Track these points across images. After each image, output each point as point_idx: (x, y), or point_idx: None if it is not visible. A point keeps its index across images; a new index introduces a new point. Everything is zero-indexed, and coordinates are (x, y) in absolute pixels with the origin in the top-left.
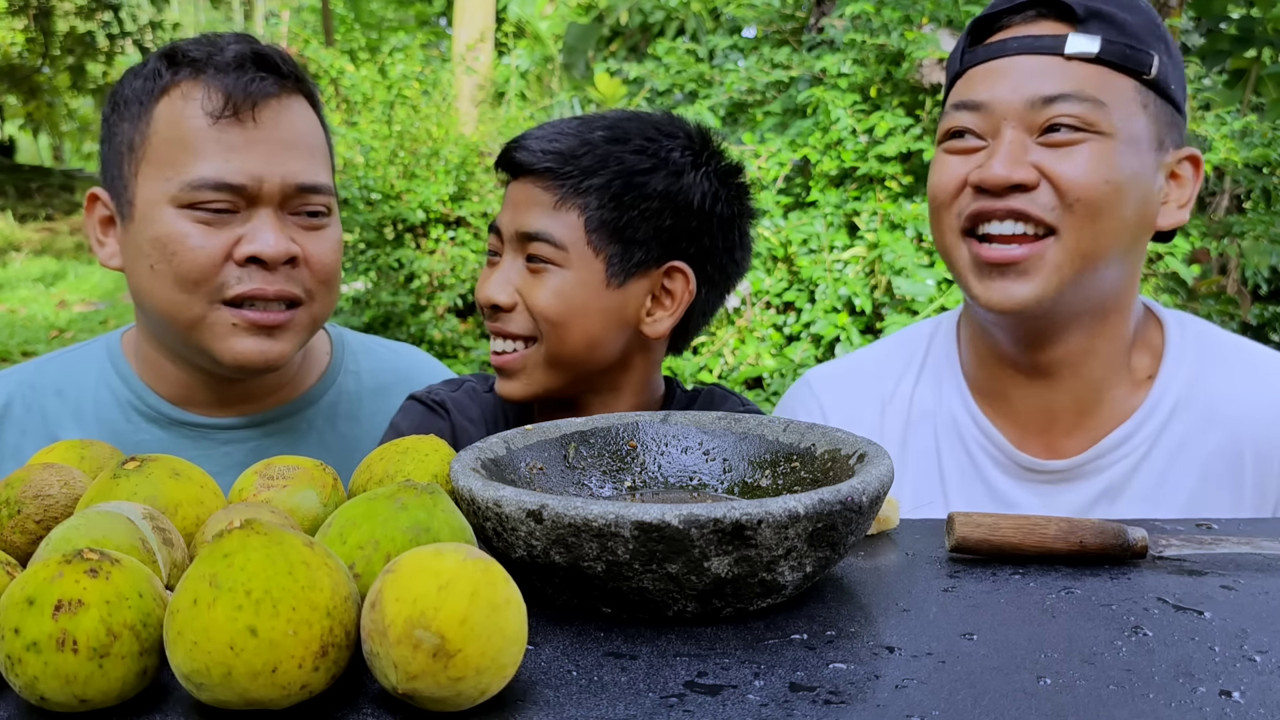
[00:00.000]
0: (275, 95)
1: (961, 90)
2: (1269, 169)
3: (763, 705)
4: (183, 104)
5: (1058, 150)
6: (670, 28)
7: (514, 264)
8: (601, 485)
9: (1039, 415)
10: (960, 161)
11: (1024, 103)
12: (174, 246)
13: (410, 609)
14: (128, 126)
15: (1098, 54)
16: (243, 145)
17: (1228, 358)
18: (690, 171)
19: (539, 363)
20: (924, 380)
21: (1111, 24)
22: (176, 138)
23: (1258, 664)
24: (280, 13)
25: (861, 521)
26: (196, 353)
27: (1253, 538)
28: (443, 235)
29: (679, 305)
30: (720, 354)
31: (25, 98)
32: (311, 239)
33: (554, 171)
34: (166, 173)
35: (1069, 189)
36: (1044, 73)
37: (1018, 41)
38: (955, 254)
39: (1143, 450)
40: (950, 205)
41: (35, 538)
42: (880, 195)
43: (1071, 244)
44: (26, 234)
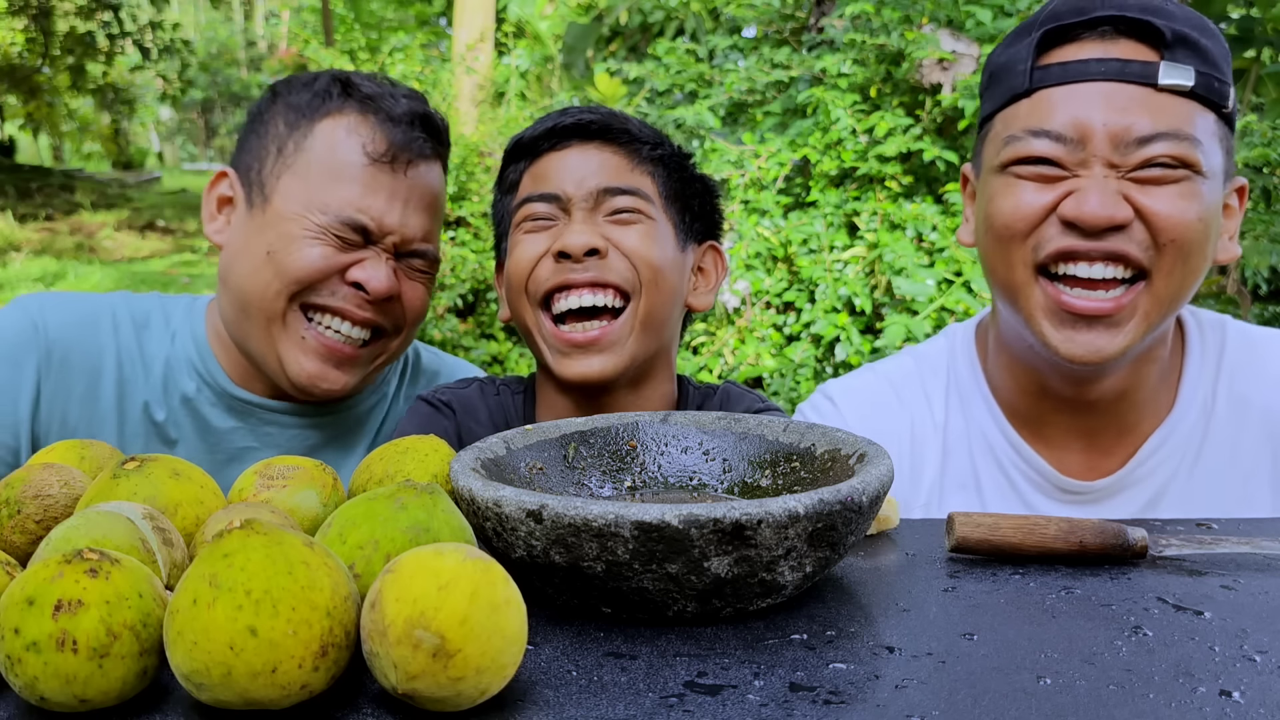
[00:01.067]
0: (426, 157)
1: (1036, 115)
2: (1269, 169)
3: (763, 705)
4: (345, 135)
5: (1151, 189)
6: (670, 28)
7: (590, 219)
8: (601, 485)
9: (1079, 438)
10: (1040, 190)
11: (1115, 140)
12: (299, 248)
13: (410, 609)
14: (284, 129)
15: (1191, 88)
16: (386, 193)
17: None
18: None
19: (633, 326)
20: (951, 402)
21: (1196, 52)
22: (330, 164)
23: (1258, 664)
24: (280, 13)
25: (861, 521)
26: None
27: (1253, 538)
28: (442, 235)
29: (715, 282)
30: (720, 354)
31: (25, 98)
32: (411, 284)
33: (630, 135)
34: (311, 192)
35: (1164, 229)
36: (1135, 105)
37: (1103, 65)
38: (1026, 293)
39: (1179, 455)
40: (1026, 238)
41: (35, 538)
42: (880, 195)
43: (1161, 288)
44: (26, 234)
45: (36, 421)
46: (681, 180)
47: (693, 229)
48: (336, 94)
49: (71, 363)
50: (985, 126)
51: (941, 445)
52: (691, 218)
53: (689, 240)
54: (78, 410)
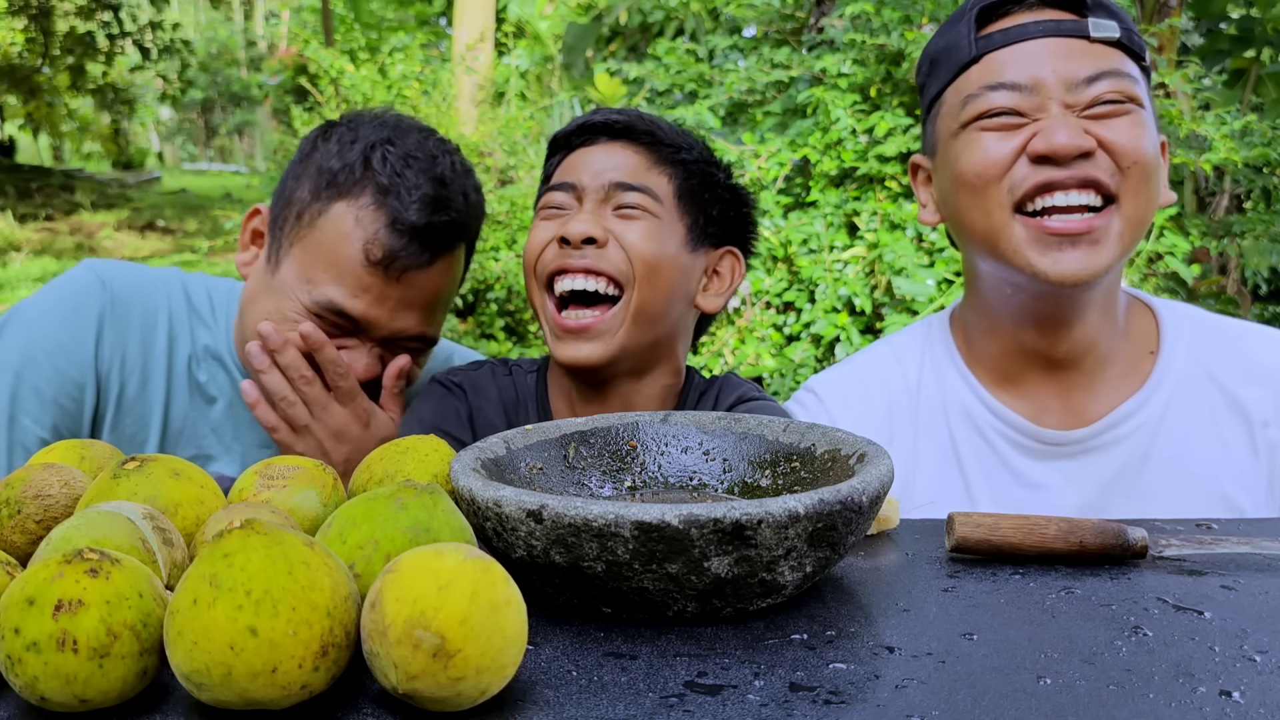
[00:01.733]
0: (427, 266)
1: (989, 73)
2: (1269, 168)
3: (763, 705)
4: (352, 226)
5: (1105, 121)
6: (670, 28)
7: (598, 211)
8: (601, 485)
9: (1056, 395)
10: (1004, 137)
11: (1065, 83)
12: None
13: (410, 609)
14: (307, 195)
15: (1117, 38)
16: (377, 293)
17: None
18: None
19: (624, 319)
20: (925, 375)
21: (1112, 14)
22: (332, 252)
23: (1258, 664)
24: (280, 13)
25: (861, 521)
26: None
27: (1253, 538)
28: None
29: (730, 286)
30: (720, 354)
31: (25, 98)
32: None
33: (653, 136)
34: (309, 274)
35: (1124, 154)
36: (1075, 54)
37: (1041, 26)
38: (1006, 232)
39: (1157, 419)
40: (999, 181)
41: (35, 538)
42: (880, 195)
43: (1129, 210)
44: (26, 234)
45: (99, 360)
46: (703, 184)
47: (708, 232)
48: (359, 173)
49: (131, 313)
50: (933, 108)
51: (914, 414)
52: (708, 221)
53: (703, 243)
54: (135, 353)
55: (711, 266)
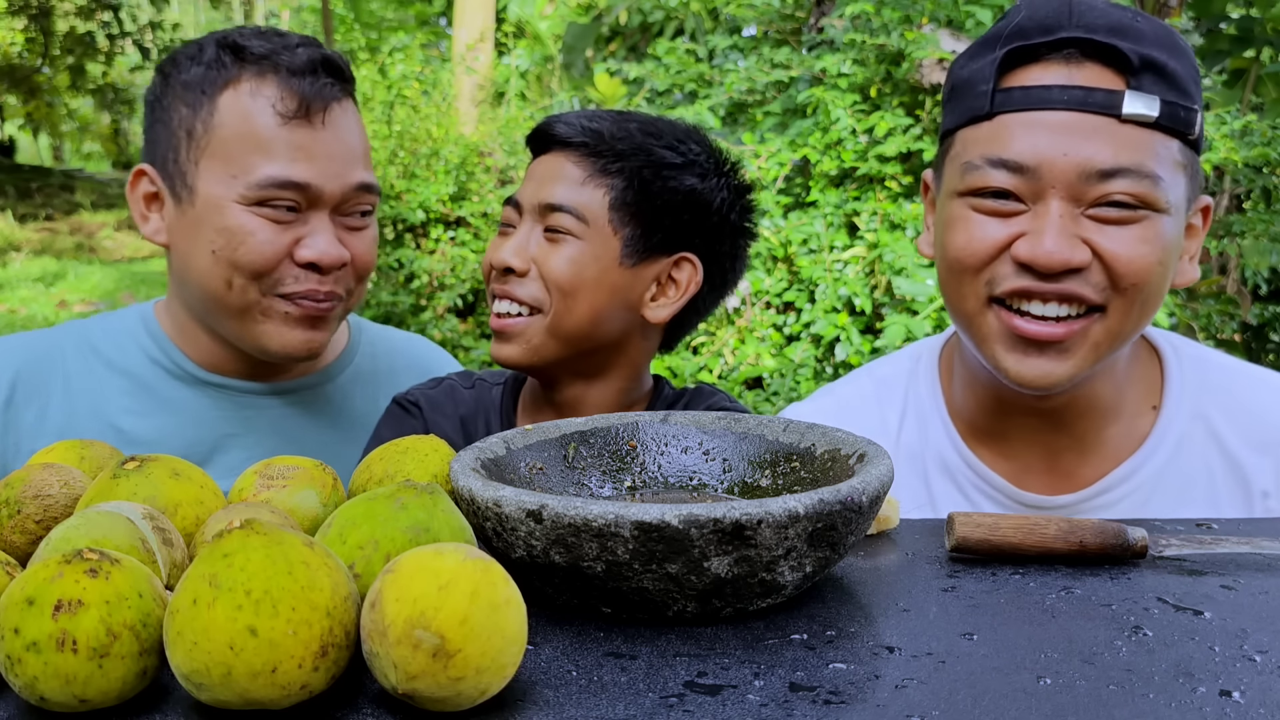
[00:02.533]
0: (339, 100)
1: (996, 142)
2: (1269, 168)
3: (763, 705)
4: (250, 100)
5: (1109, 228)
6: (670, 28)
7: (531, 233)
8: (601, 485)
9: (1040, 454)
10: (996, 225)
11: (1076, 172)
12: (243, 238)
13: (410, 609)
14: (187, 112)
15: (1155, 119)
16: (311, 146)
17: (1228, 383)
18: (712, 176)
19: (540, 330)
20: (908, 421)
21: (1163, 77)
22: (246, 134)
23: (1258, 664)
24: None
25: (861, 521)
26: (238, 336)
27: (1253, 538)
28: (443, 235)
29: (684, 294)
30: (720, 354)
31: (25, 98)
32: (357, 239)
33: (590, 147)
34: (234, 169)
35: (1123, 273)
36: (1097, 136)
37: (1065, 94)
38: (978, 320)
39: (1151, 483)
40: (979, 272)
41: (35, 538)
42: (880, 195)
43: (1115, 324)
44: (26, 234)
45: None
46: (644, 195)
47: (652, 242)
48: (230, 61)
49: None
50: (946, 140)
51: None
52: (653, 230)
53: (648, 253)
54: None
55: (662, 275)
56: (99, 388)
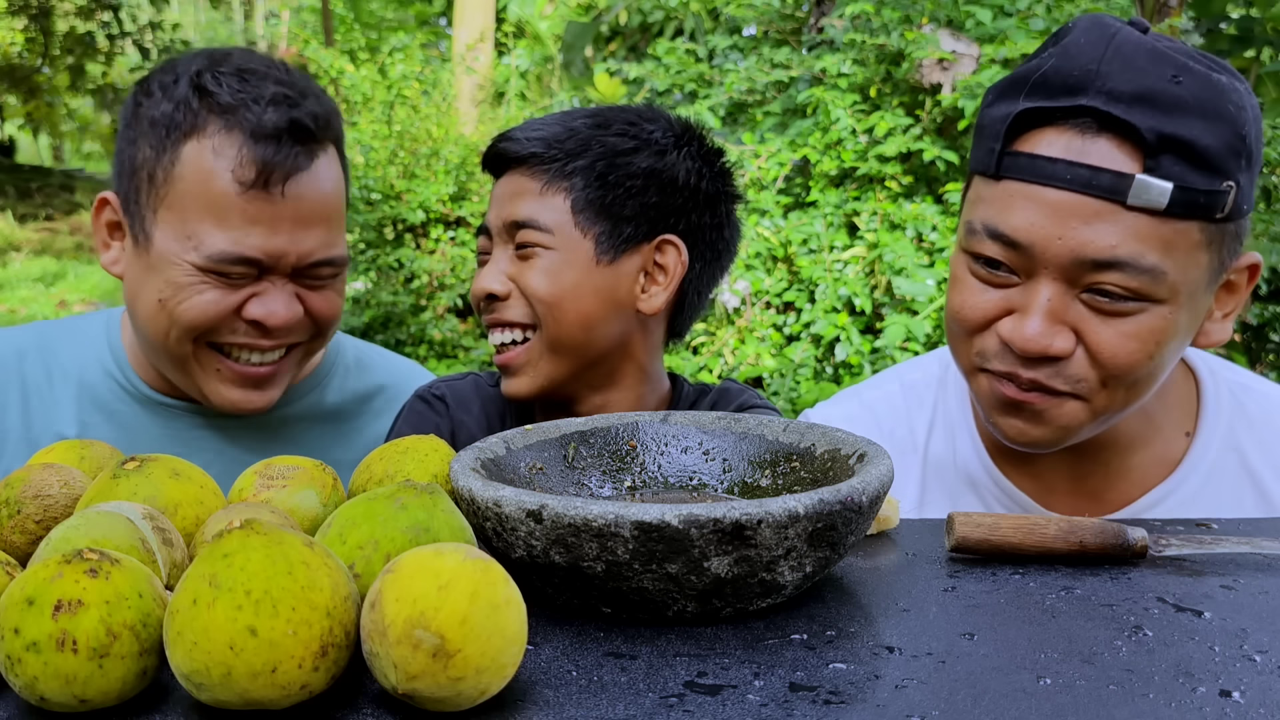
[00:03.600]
0: (306, 168)
1: (996, 209)
2: (1269, 168)
3: (763, 705)
4: (212, 159)
5: (1100, 317)
6: (669, 28)
7: (504, 255)
8: (601, 485)
9: (1067, 480)
10: (989, 295)
11: (1070, 257)
12: (189, 295)
13: (410, 609)
14: (150, 152)
15: (1164, 208)
16: (268, 220)
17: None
18: (673, 150)
19: (541, 352)
20: (936, 430)
21: (1186, 156)
22: (202, 196)
23: (1258, 664)
24: (280, 13)
25: (861, 521)
26: (180, 383)
27: (1253, 538)
28: (443, 235)
29: (673, 278)
30: (720, 354)
31: (25, 98)
32: (317, 296)
33: (539, 157)
34: (188, 231)
35: (1108, 365)
36: (1098, 221)
37: (1070, 171)
38: (972, 380)
39: (1181, 510)
40: (970, 338)
41: (35, 538)
42: (880, 195)
43: (1098, 407)
44: (26, 234)
45: None
46: (604, 189)
47: (625, 234)
48: (197, 104)
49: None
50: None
51: (921, 476)
52: (623, 222)
53: (625, 246)
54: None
55: (647, 264)
56: (52, 393)
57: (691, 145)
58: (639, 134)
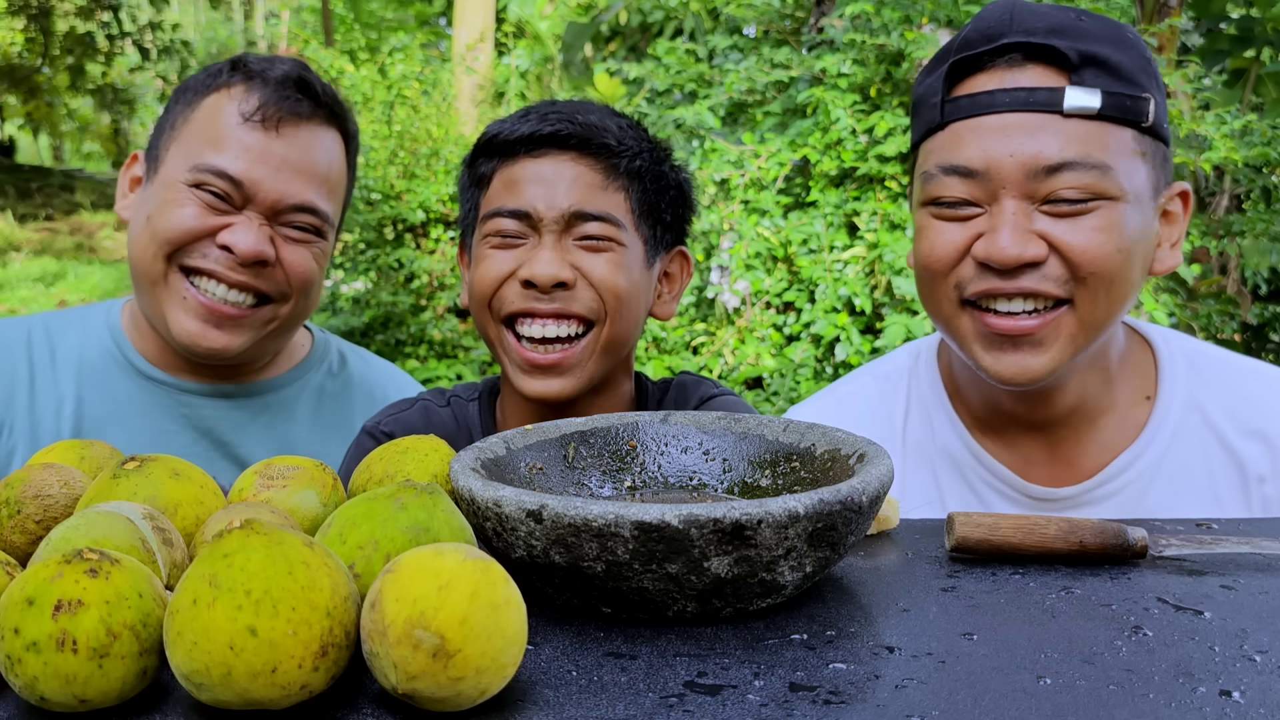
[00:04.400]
0: (305, 117)
1: (948, 150)
2: (1268, 168)
3: (763, 705)
4: (226, 101)
5: (1064, 220)
6: (669, 27)
7: (559, 243)
8: (601, 485)
9: (1043, 449)
10: (956, 229)
11: (1024, 170)
12: (171, 209)
13: (410, 609)
14: (180, 109)
15: (1098, 110)
16: (257, 149)
17: (1220, 373)
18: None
19: (594, 351)
20: (913, 414)
21: (1105, 69)
22: (209, 128)
23: (1258, 664)
24: (280, 13)
25: (861, 521)
26: (153, 314)
27: (1253, 538)
28: (443, 235)
29: (679, 287)
30: (720, 354)
31: (25, 98)
32: (294, 250)
33: (609, 149)
34: (189, 156)
35: (1081, 263)
36: (1042, 133)
37: (1009, 95)
38: (955, 324)
39: (1150, 472)
40: (947, 276)
41: (35, 538)
42: (880, 195)
43: (1086, 315)
44: (26, 234)
45: None
46: (656, 191)
47: (663, 240)
48: (227, 71)
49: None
50: (912, 155)
51: (901, 460)
52: (663, 230)
53: (659, 253)
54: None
55: (663, 270)
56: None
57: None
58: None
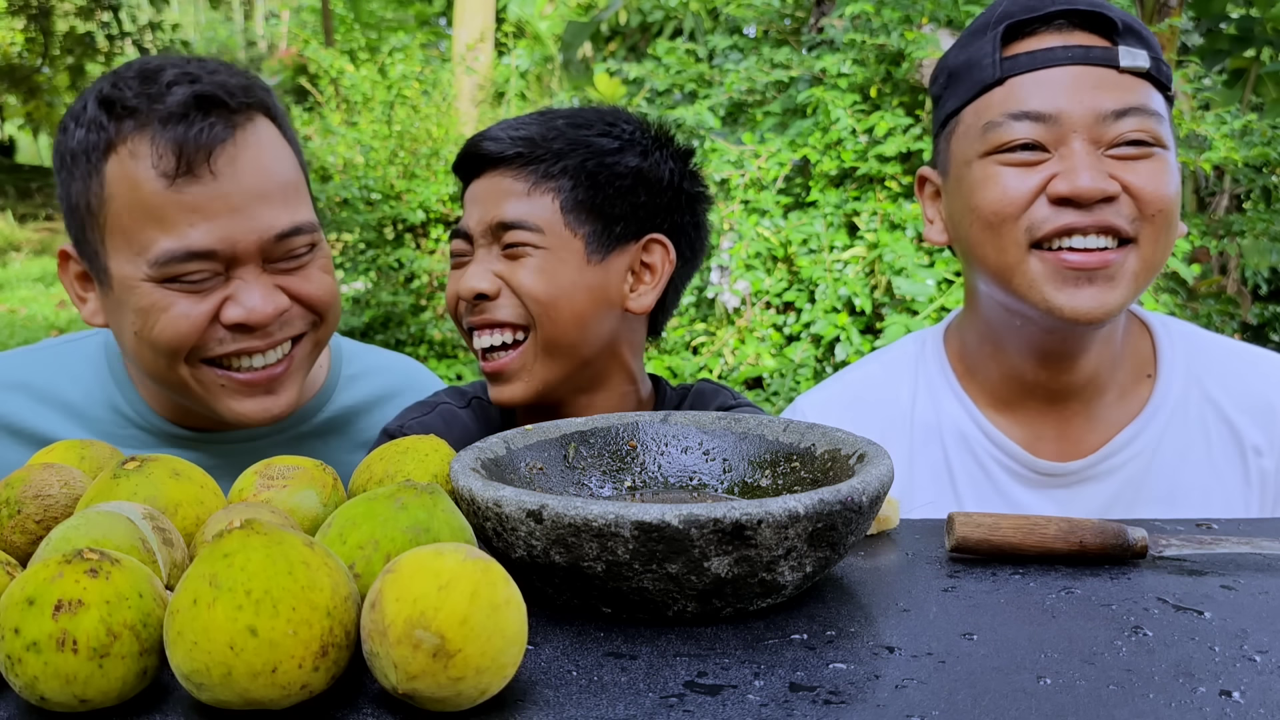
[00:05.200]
0: (229, 138)
1: (1012, 100)
2: (1268, 168)
3: (763, 705)
4: (133, 164)
5: (1129, 163)
6: (669, 27)
7: (489, 255)
8: (601, 485)
9: (1053, 424)
10: (1024, 175)
11: (1092, 115)
12: (156, 316)
13: (410, 609)
14: (80, 185)
15: (1146, 69)
16: (206, 204)
17: (1217, 353)
18: (654, 151)
19: (535, 355)
20: (920, 395)
21: (1140, 40)
22: (135, 205)
23: (1258, 664)
24: (280, 13)
25: (861, 521)
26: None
27: (1253, 538)
28: (443, 235)
29: (660, 277)
30: (720, 354)
31: (25, 98)
32: (300, 279)
33: (525, 157)
34: (135, 246)
35: (1149, 201)
36: (1103, 85)
37: (1068, 52)
38: (1020, 269)
39: (1153, 447)
40: (1017, 219)
41: (35, 538)
42: (880, 195)
43: (1148, 254)
44: (26, 234)
45: None
46: (594, 188)
47: (615, 233)
48: (107, 120)
49: None
50: (950, 123)
51: (909, 438)
52: (612, 221)
53: (613, 245)
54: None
55: (634, 263)
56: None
57: (667, 146)
58: (620, 134)
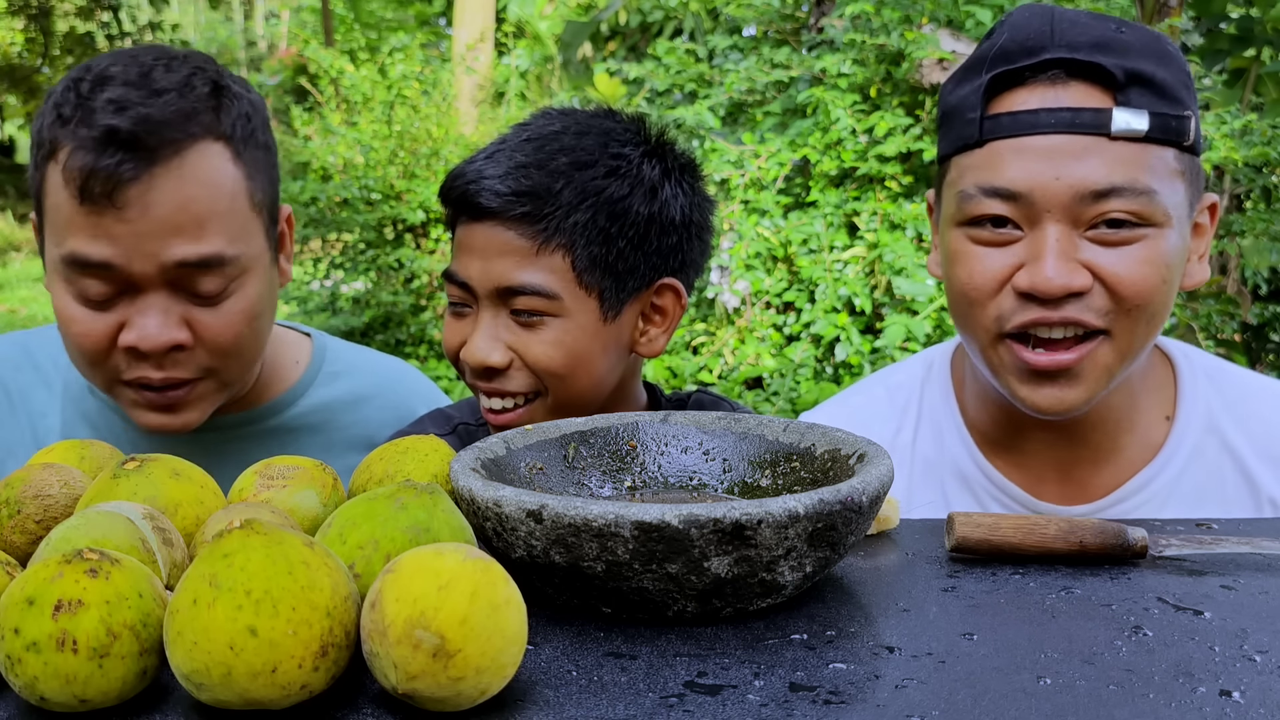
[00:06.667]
0: (139, 177)
1: (987, 170)
2: (1268, 168)
3: (763, 705)
4: (58, 174)
5: (1110, 249)
6: (669, 27)
7: (497, 320)
8: (601, 485)
9: (1055, 465)
10: (995, 257)
11: (1070, 195)
12: (66, 325)
13: (410, 609)
14: (35, 173)
15: (1145, 132)
16: (106, 231)
17: (1240, 392)
18: (665, 185)
19: (545, 413)
20: (922, 430)
21: (1151, 88)
22: (59, 213)
23: (1258, 664)
24: (280, 13)
25: (861, 521)
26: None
27: (1253, 538)
28: (443, 235)
29: (672, 321)
30: (720, 354)
31: (25, 98)
32: (209, 315)
33: (532, 216)
34: (56, 241)
35: (1126, 295)
36: (1088, 156)
37: (1053, 116)
38: (990, 354)
39: (1164, 494)
40: (985, 305)
41: (35, 538)
42: (880, 195)
43: (1124, 345)
44: (26, 234)
45: None
46: (609, 240)
47: (629, 287)
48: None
49: None
50: (943, 165)
51: (909, 470)
52: (627, 275)
53: (626, 300)
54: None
55: (644, 307)
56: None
57: (674, 168)
58: (628, 171)
